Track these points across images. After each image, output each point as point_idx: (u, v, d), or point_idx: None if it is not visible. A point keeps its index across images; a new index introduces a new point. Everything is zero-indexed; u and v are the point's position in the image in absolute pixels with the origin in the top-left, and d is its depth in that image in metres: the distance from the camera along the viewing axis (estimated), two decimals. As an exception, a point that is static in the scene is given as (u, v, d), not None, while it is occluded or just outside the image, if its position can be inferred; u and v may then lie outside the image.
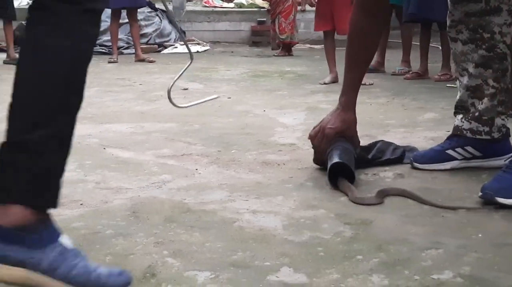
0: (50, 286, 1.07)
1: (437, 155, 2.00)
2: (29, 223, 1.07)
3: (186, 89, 4.10)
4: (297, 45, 7.73)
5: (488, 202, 1.61)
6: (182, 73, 1.69)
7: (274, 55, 6.64)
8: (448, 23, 1.96)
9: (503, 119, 1.94)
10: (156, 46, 7.29)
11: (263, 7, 8.66)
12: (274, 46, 6.89)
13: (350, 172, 1.81)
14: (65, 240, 1.12)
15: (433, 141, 2.41)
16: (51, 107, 1.09)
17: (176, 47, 7.35)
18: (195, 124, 2.86)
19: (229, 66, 5.54)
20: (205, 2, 9.22)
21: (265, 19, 8.13)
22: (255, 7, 8.58)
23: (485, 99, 1.92)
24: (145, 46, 6.93)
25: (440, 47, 4.61)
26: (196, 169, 2.08)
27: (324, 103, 3.37)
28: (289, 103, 3.49)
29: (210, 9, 8.66)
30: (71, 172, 2.00)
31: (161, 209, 1.65)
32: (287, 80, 4.57)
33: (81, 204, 1.70)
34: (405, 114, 3.03)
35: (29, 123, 1.07)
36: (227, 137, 2.57)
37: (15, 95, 1.09)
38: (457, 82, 2.02)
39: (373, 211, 1.61)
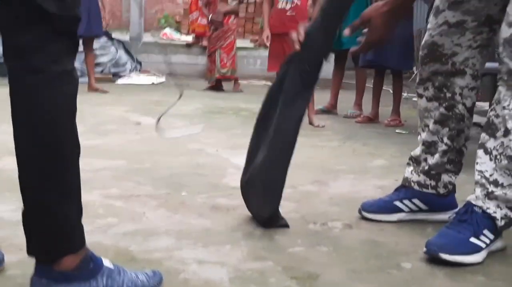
0: None
1: (385, 206, 2.03)
2: (79, 262, 1.28)
3: (139, 123, 4.05)
4: (252, 81, 7.82)
5: (433, 257, 1.64)
6: (171, 107, 1.66)
7: (203, 90, 6.63)
8: (417, 81, 2.02)
9: (450, 177, 1.99)
10: (111, 76, 7.22)
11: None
12: (210, 79, 6.81)
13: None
14: (106, 262, 1.35)
15: (381, 190, 2.44)
16: (56, 169, 1.23)
17: (131, 78, 7.30)
18: (146, 163, 2.82)
19: (184, 101, 5.48)
20: (163, 35, 9.23)
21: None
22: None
23: (437, 155, 1.97)
24: (99, 75, 6.85)
25: (391, 91, 4.75)
26: (144, 212, 2.03)
27: (277, 145, 3.39)
28: (243, 143, 3.46)
29: (168, 41, 8.66)
30: (12, 212, 1.93)
31: (104, 257, 1.59)
32: (241, 118, 4.59)
33: (21, 249, 1.62)
34: (356, 160, 3.08)
35: (41, 188, 1.23)
36: (177, 177, 2.54)
37: (20, 165, 1.24)
38: (418, 137, 2.07)
39: (320, 264, 1.61)
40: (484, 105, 5.12)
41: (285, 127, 1.89)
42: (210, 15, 6.48)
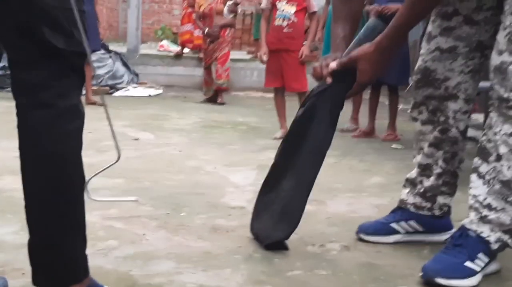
0: None
1: (382, 228, 2.06)
2: None
3: (137, 139, 4.08)
4: (249, 93, 7.86)
5: (429, 282, 1.67)
6: (103, 170, 1.48)
7: (200, 102, 6.66)
8: (411, 105, 2.05)
9: (445, 199, 2.03)
10: (108, 88, 7.25)
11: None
12: (207, 92, 6.82)
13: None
14: None
15: (378, 209, 2.48)
16: (63, 204, 1.27)
17: (128, 90, 7.33)
18: (145, 181, 2.85)
19: (181, 114, 5.56)
20: (160, 46, 9.27)
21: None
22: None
23: (432, 178, 2.01)
24: (96, 88, 6.87)
25: (387, 102, 4.78)
26: (144, 234, 2.06)
27: (274, 162, 3.42)
28: (241, 159, 3.52)
29: (165, 53, 8.70)
30: (13, 234, 1.96)
31: (106, 282, 1.61)
32: (239, 132, 4.62)
33: (23, 274, 1.65)
34: (352, 178, 3.11)
35: (49, 222, 1.26)
36: (177, 197, 2.57)
37: (27, 198, 1.27)
38: (414, 159, 2.10)
39: (318, 289, 1.64)
40: (480, 117, 5.16)
41: (313, 162, 1.96)
42: (206, 29, 6.53)
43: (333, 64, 1.86)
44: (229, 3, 6.67)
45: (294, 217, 1.94)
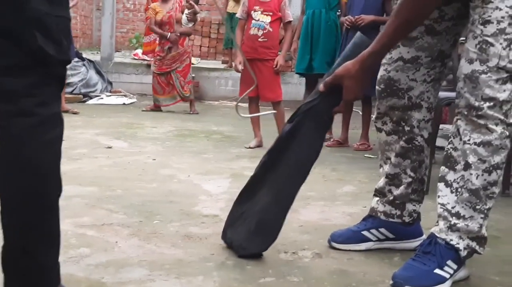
0: None
1: (353, 236, 2.08)
2: None
3: (110, 147, 4.05)
4: (224, 102, 7.87)
5: None
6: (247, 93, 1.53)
7: (141, 110, 6.51)
8: (375, 115, 2.08)
9: (414, 205, 2.06)
10: (81, 96, 7.19)
11: (192, 63, 8.78)
12: (155, 99, 6.56)
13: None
14: None
15: (350, 217, 2.51)
16: (40, 215, 1.25)
17: (102, 98, 7.28)
18: (118, 189, 2.83)
19: (155, 123, 5.54)
20: (134, 55, 9.23)
21: (193, 75, 8.22)
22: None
23: (402, 187, 2.04)
24: (70, 95, 6.81)
25: (361, 113, 4.85)
26: (116, 242, 2.05)
27: (249, 170, 3.43)
28: (214, 168, 3.52)
29: (139, 61, 8.67)
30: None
31: (77, 290, 1.61)
32: (213, 141, 4.62)
33: (-8, 282, 1.63)
34: (325, 186, 3.14)
35: (25, 233, 1.24)
36: (150, 205, 2.56)
37: (3, 207, 1.24)
38: (381, 169, 2.13)
39: (291, 295, 1.65)
40: (449, 127, 5.26)
41: (294, 179, 1.97)
42: (169, 34, 6.41)
43: (320, 87, 1.89)
44: (186, 11, 6.62)
45: (270, 232, 1.95)
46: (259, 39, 4.33)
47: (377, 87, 2.03)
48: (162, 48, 6.51)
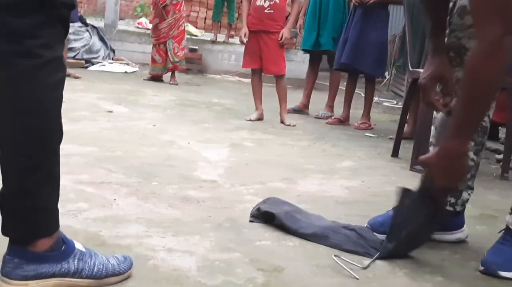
0: (80, 285, 1.34)
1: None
2: (52, 244, 1.30)
3: (111, 111, 4.04)
4: (226, 76, 7.84)
5: (491, 275, 1.65)
6: None
7: (144, 79, 6.41)
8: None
9: (469, 195, 1.93)
10: (84, 61, 7.15)
11: (195, 35, 8.72)
12: (153, 69, 6.45)
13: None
14: (79, 245, 1.37)
15: (348, 190, 2.51)
16: (41, 156, 1.25)
17: (104, 65, 7.24)
18: (118, 151, 2.83)
19: (156, 91, 5.52)
20: (138, 23, 9.16)
21: (197, 47, 8.18)
22: (188, 34, 8.62)
23: None
24: (72, 60, 6.77)
25: (363, 95, 4.84)
26: (114, 199, 2.05)
27: (248, 141, 3.43)
28: (214, 137, 3.52)
29: (143, 30, 8.60)
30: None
31: (74, 240, 1.61)
32: (214, 112, 4.61)
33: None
34: (324, 160, 3.14)
35: (25, 173, 1.24)
36: (149, 167, 2.56)
37: (4, 148, 1.24)
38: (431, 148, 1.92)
39: (286, 258, 1.66)
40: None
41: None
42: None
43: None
44: None
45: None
46: (265, 11, 4.29)
47: (450, 53, 1.80)
48: (161, 16, 6.28)
